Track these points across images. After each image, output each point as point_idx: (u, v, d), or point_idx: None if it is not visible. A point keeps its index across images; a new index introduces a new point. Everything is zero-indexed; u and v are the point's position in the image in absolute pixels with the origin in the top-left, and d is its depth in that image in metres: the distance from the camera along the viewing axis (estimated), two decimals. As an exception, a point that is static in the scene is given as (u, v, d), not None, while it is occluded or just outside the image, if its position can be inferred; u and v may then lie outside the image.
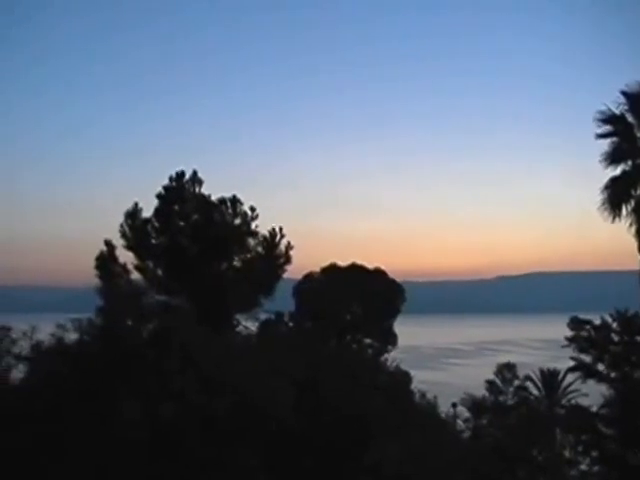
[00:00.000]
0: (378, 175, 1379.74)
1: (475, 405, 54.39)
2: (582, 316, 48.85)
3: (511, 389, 57.40)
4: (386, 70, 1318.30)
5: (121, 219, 38.70)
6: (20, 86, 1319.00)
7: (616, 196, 37.27)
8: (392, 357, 51.68)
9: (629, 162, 37.75)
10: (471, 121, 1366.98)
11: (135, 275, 38.23)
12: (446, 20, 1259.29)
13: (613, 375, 44.38)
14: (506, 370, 58.20)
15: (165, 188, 38.97)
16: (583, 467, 44.97)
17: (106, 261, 37.69)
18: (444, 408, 51.11)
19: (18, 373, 31.94)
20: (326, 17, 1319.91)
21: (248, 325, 39.80)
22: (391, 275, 58.33)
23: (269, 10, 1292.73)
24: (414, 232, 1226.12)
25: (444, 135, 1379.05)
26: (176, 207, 38.88)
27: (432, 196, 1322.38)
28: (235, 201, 39.25)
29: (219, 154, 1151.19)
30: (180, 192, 38.93)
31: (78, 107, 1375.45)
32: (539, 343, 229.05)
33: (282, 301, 46.88)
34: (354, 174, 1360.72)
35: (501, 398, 56.32)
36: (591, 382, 48.09)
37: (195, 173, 39.18)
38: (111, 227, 39.33)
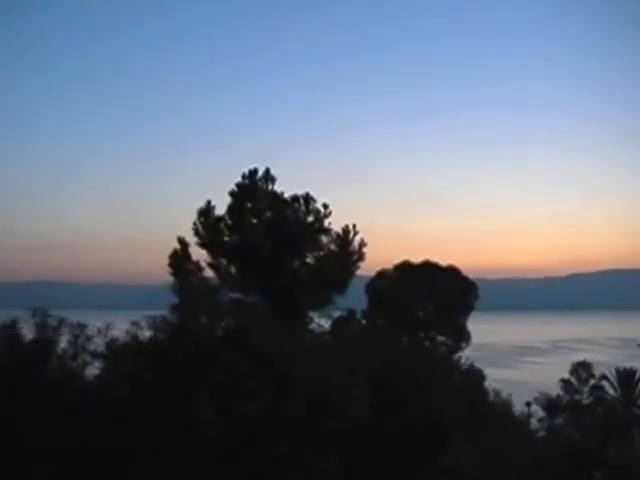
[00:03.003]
0: (450, 172, 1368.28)
1: (550, 404, 53.83)
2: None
3: (586, 388, 56.78)
4: (450, 68, 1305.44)
5: (195, 216, 38.93)
6: (93, 79, 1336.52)
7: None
8: (465, 355, 51.25)
9: None
10: (541, 118, 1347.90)
11: (208, 273, 38.41)
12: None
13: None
14: (581, 369, 57.55)
15: (238, 185, 39.05)
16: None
17: (179, 259, 37.90)
18: (518, 407, 50.58)
19: (94, 369, 32.43)
20: (397, 13, 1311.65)
21: (321, 322, 39.71)
22: (464, 272, 57.78)
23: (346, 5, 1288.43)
24: (487, 229, 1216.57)
25: (516, 131, 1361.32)
26: (249, 205, 38.94)
27: (505, 193, 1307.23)
28: (308, 198, 39.16)
29: (290, 151, 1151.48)
30: (253, 189, 38.97)
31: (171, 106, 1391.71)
32: (615, 342, 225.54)
33: (355, 298, 46.71)
34: (424, 170, 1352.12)
35: (576, 397, 55.70)
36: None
37: (267, 170, 39.18)
38: (186, 224, 39.57)
